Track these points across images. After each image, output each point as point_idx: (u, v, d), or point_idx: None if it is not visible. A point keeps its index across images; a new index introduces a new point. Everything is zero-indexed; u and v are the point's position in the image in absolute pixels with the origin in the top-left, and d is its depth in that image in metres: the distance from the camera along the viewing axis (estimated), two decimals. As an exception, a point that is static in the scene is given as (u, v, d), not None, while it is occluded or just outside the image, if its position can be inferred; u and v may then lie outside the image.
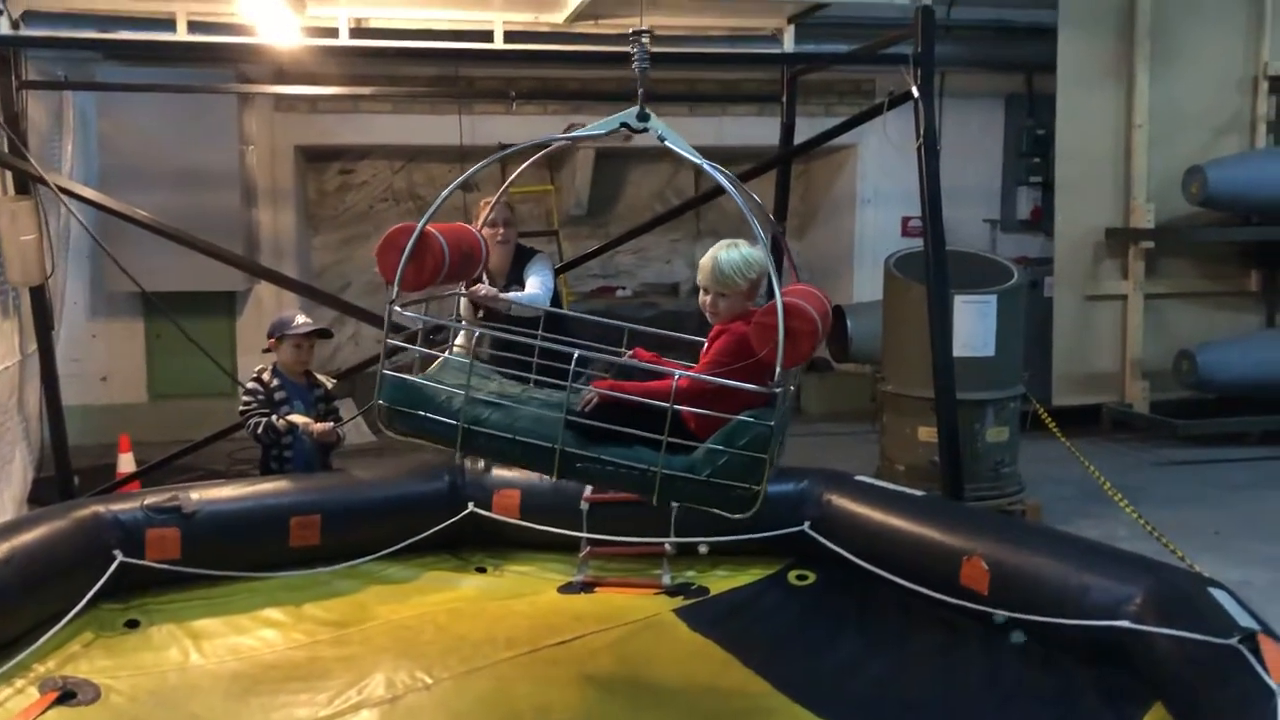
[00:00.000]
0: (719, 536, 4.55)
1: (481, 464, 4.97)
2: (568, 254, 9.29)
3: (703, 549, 4.76)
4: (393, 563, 4.80)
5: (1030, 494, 6.70)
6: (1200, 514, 6.70)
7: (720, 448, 3.18)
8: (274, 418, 5.00)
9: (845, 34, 8.25)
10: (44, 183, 5.32)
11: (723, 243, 3.57)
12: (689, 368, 3.48)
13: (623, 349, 3.74)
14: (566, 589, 4.74)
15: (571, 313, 5.01)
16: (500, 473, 4.95)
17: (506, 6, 6.54)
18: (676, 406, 3.19)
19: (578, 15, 6.52)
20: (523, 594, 4.71)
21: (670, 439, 3.19)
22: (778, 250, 4.96)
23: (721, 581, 4.75)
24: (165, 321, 8.85)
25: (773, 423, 3.19)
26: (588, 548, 4.81)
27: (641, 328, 4.06)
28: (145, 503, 4.43)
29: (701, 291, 3.58)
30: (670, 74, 8.49)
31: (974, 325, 6.53)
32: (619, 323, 3.95)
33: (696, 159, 3.26)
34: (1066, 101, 8.52)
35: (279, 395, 5.10)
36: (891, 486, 4.98)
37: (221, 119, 8.31)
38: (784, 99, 7.06)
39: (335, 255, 10.05)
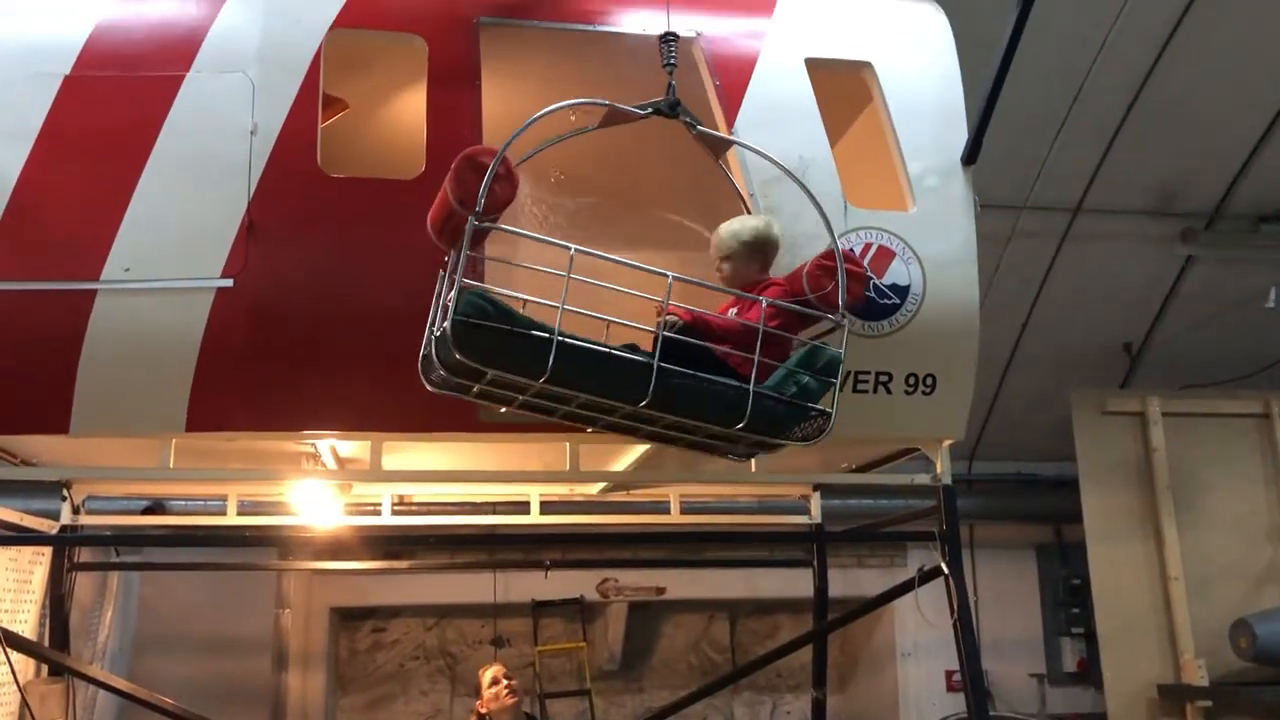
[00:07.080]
0: None
1: None
2: (600, 712, 8.98)
3: None
4: None
5: None
6: None
7: (799, 370, 3.44)
8: None
9: (872, 489, 8.48)
10: (79, 675, 5.35)
11: None
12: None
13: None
14: None
15: None
16: None
17: (545, 480, 6.81)
18: (764, 328, 3.39)
19: (612, 487, 6.77)
20: None
21: (727, 373, 3.40)
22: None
23: None
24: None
25: (841, 350, 3.54)
26: None
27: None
28: None
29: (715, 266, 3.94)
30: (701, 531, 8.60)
31: (1035, 809, 6.13)
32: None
33: (734, 140, 3.75)
34: (1098, 555, 8.49)
35: None
36: None
37: (260, 586, 8.51)
38: (815, 564, 7.14)
39: (360, 719, 9.79)
